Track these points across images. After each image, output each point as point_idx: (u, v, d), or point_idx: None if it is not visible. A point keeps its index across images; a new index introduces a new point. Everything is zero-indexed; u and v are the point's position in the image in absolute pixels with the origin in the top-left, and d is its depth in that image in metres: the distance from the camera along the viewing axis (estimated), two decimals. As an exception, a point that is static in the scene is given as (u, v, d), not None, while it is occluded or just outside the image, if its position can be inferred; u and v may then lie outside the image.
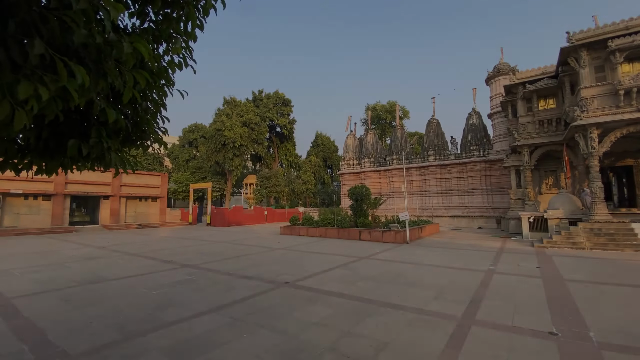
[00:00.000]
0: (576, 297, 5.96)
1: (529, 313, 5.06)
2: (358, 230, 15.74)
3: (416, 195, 28.09)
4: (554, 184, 19.38)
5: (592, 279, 7.36)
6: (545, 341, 4.00)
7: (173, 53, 2.45)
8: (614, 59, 13.36)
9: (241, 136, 36.16)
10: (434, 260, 10.10)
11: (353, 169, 31.99)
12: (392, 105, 45.28)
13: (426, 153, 27.97)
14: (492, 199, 24.45)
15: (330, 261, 9.89)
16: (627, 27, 13.38)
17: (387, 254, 11.39)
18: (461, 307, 5.34)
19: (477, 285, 6.79)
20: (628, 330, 4.36)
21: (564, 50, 14.73)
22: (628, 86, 12.94)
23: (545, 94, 18.11)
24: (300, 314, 5.11)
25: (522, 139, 18.25)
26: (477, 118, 26.69)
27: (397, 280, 7.38)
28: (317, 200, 31.67)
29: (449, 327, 4.47)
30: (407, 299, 5.85)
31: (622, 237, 12.11)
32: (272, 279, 7.57)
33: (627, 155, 16.99)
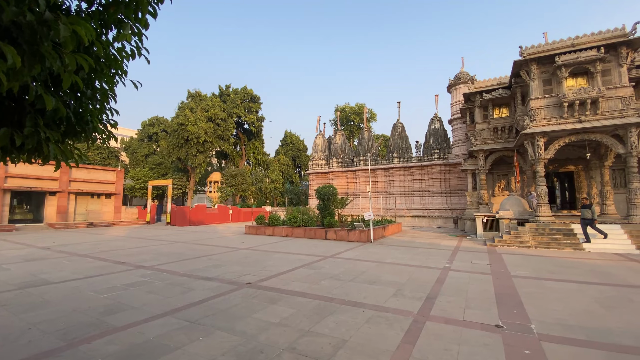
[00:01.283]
0: (521, 292, 6.46)
1: (479, 308, 5.40)
2: (324, 230, 15.85)
3: (381, 195, 28.91)
4: (505, 187, 20.89)
5: (535, 275, 8.02)
6: (492, 334, 4.29)
7: (121, 40, 2.29)
8: (560, 74, 14.67)
9: (206, 132, 34.84)
10: (395, 258, 10.44)
11: (321, 169, 32.19)
12: (360, 107, 46.19)
13: (391, 155, 28.87)
14: (451, 200, 25.82)
15: (294, 261, 9.85)
16: (573, 44, 14.74)
17: (351, 252, 11.59)
18: (418, 304, 5.57)
19: (434, 282, 7.12)
20: (565, 322, 4.80)
21: (516, 63, 15.91)
22: (571, 99, 14.27)
23: (500, 103, 19.46)
24: (261, 315, 5.03)
25: (478, 145, 19.45)
26: (438, 123, 28.03)
27: (359, 278, 7.53)
28: (285, 200, 31.40)
29: (406, 323, 4.64)
30: (367, 297, 5.99)
31: (563, 237, 13.33)
32: (233, 280, 7.39)
33: (569, 162, 18.76)
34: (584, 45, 14.41)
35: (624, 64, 13.96)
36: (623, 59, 13.95)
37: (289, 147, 50.07)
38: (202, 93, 40.79)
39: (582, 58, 14.06)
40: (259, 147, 46.77)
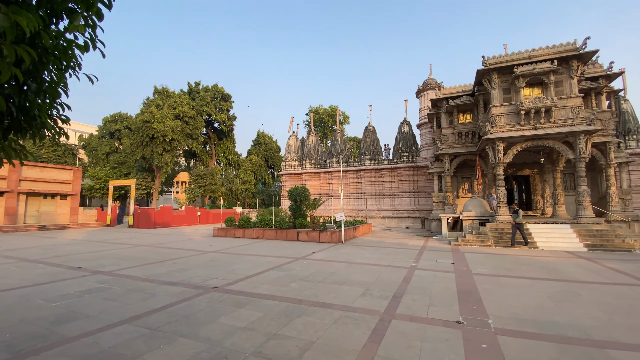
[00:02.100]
0: (480, 288, 6.82)
1: (441, 305, 5.62)
2: (296, 231, 15.79)
3: (353, 196, 29.33)
4: (468, 189, 22.00)
5: (494, 273, 8.50)
6: (453, 330, 4.49)
7: (72, 30, 2.13)
8: (518, 83, 15.69)
9: (173, 130, 33.45)
10: (364, 258, 10.62)
11: (294, 170, 32.07)
12: (333, 109, 46.56)
13: (363, 157, 29.39)
14: (419, 201, 26.75)
15: (264, 263, 9.72)
16: (530, 56, 15.83)
17: (323, 253, 11.63)
18: (385, 303, 5.71)
19: (400, 281, 7.33)
20: (519, 316, 5.12)
21: (479, 72, 16.83)
22: (527, 107, 15.31)
23: (464, 109, 20.47)
24: (227, 319, 4.91)
25: (444, 149, 20.32)
26: (407, 127, 28.95)
27: (329, 279, 7.58)
28: (257, 201, 30.92)
29: (372, 322, 4.73)
30: (336, 297, 6.04)
31: (519, 236, 14.23)
32: (199, 284, 7.14)
33: (526, 166, 20.11)
34: (539, 57, 15.54)
35: (575, 76, 15.21)
36: (574, 72, 15.20)
37: (262, 148, 49.41)
38: (169, 90, 39.17)
39: (538, 69, 15.15)
40: (230, 146, 45.69)
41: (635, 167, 20.77)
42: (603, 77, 17.41)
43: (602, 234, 13.22)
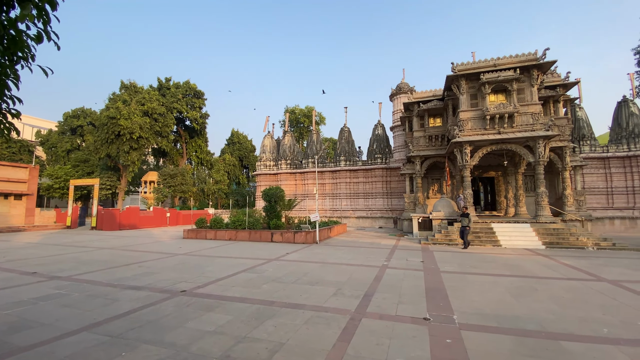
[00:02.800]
0: (447, 285, 7.10)
1: (410, 302, 5.79)
2: (270, 232, 15.63)
3: (328, 197, 29.50)
4: (438, 190, 22.82)
5: (460, 270, 8.88)
6: (420, 326, 4.64)
7: (21, 20, 1.98)
8: (484, 90, 16.49)
9: (141, 127, 31.97)
10: (338, 258, 10.72)
11: (269, 170, 31.73)
12: (310, 110, 46.60)
13: (338, 158, 29.65)
14: (391, 201, 27.39)
15: (236, 265, 9.54)
16: (495, 64, 16.69)
17: (297, 254, 11.60)
18: (356, 302, 5.79)
19: (372, 280, 7.47)
20: (482, 311, 5.38)
21: (448, 77, 17.51)
22: (492, 113, 16.12)
23: (435, 113, 21.21)
24: (195, 324, 4.76)
25: (415, 151, 20.95)
26: (381, 129, 29.57)
27: (302, 279, 7.57)
28: (230, 202, 30.23)
29: (343, 322, 4.78)
30: (309, 298, 6.04)
31: (484, 235, 14.97)
32: (166, 288, 6.88)
33: (491, 169, 21.17)
34: (503, 65, 16.43)
35: (535, 85, 16.23)
36: (534, 80, 16.21)
37: (236, 147, 48.41)
38: (137, 85, 37.41)
39: (502, 77, 16.01)
40: (202, 145, 44.38)
41: (588, 170, 22.52)
42: (560, 86, 18.70)
43: (559, 233, 14.20)
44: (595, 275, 8.18)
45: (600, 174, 22.63)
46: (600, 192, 22.49)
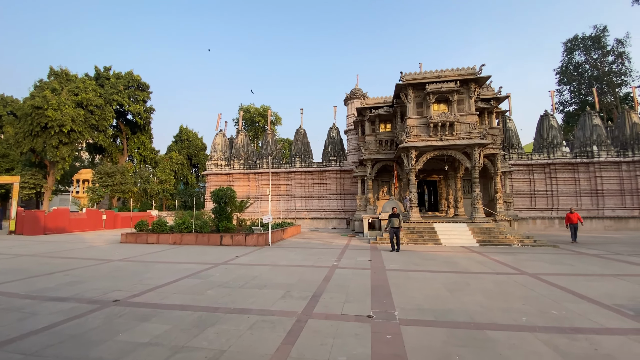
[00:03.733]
0: (391, 283, 7.42)
1: (356, 301, 5.94)
2: (219, 235, 14.99)
3: (283, 198, 29.24)
4: (387, 192, 23.90)
5: (404, 268, 9.35)
6: (363, 324, 4.76)
7: None
8: (429, 99, 17.66)
9: (73, 119, 28.61)
10: (289, 260, 10.64)
11: (221, 170, 30.50)
12: (265, 109, 45.85)
13: (294, 160, 29.57)
14: (345, 203, 28.04)
15: (180, 271, 8.96)
16: (439, 76, 17.96)
17: (247, 257, 11.27)
18: (303, 303, 5.77)
19: (321, 280, 7.53)
20: (421, 306, 5.69)
21: (397, 86, 18.46)
22: (436, 121, 17.34)
23: (385, 119, 22.22)
24: (127, 336, 4.36)
25: (366, 154, 21.72)
26: (336, 133, 30.17)
27: (250, 283, 7.36)
28: (176, 203, 28.41)
29: (289, 324, 4.73)
30: (255, 302, 5.88)
31: (427, 234, 15.99)
32: (96, 298, 6.22)
33: (434, 173, 22.72)
34: (446, 77, 17.77)
35: (472, 97, 17.80)
36: (472, 93, 17.78)
37: (185, 145, 45.71)
38: (70, 73, 33.52)
39: (444, 88, 17.30)
40: (145, 142, 41.14)
41: (516, 175, 25.30)
42: (494, 99, 20.78)
43: (490, 231, 15.70)
44: (518, 269, 9.16)
45: (525, 178, 25.56)
46: (525, 195, 25.40)
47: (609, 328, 4.65)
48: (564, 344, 4.11)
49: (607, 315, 5.18)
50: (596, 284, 7.38)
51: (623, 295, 6.38)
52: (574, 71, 38.89)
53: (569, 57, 39.09)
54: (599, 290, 6.77)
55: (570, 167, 25.13)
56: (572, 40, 38.32)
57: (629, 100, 33.80)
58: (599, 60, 36.72)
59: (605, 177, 24.54)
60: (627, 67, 35.52)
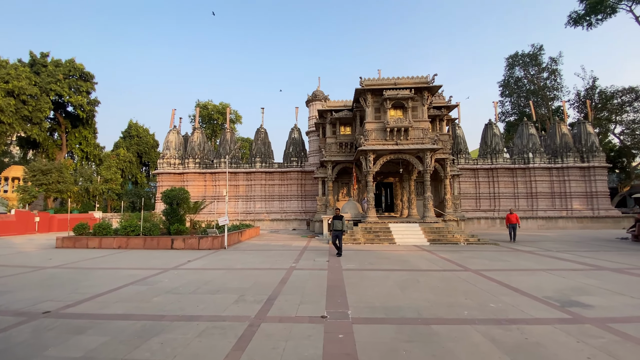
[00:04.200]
0: (347, 282, 7.56)
1: (311, 302, 5.96)
2: (170, 238, 14.16)
3: (241, 199, 28.49)
4: (347, 193, 24.39)
5: (360, 267, 9.59)
6: (317, 325, 4.79)
7: None
8: (386, 105, 18.34)
9: (2, 109, 25.36)
10: (246, 263, 10.38)
11: (174, 169, 28.89)
12: (224, 106, 44.31)
13: (254, 160, 28.97)
14: (305, 204, 28.09)
15: (124, 277, 8.31)
16: (395, 83, 18.72)
17: (200, 261, 10.79)
18: (257, 307, 5.66)
19: (278, 283, 7.45)
20: (373, 305, 5.87)
21: (357, 90, 18.94)
22: (392, 126, 18.06)
23: (345, 122, 22.67)
24: (58, 350, 3.93)
25: (327, 156, 21.99)
26: (297, 133, 30.14)
27: (202, 289, 7.05)
28: (122, 204, 26.32)
29: (240, 329, 4.60)
30: (206, 308, 5.64)
31: (383, 234, 16.58)
32: (24, 310, 5.54)
33: (390, 175, 23.64)
34: (402, 85, 18.60)
35: (425, 104, 18.82)
36: (425, 100, 18.79)
37: (134, 141, 42.59)
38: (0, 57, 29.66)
39: (400, 95, 18.10)
40: (88, 137, 37.64)
41: (463, 179, 27.21)
42: (445, 107, 22.18)
43: (440, 231, 16.71)
44: (463, 266, 9.85)
45: (471, 182, 27.62)
46: (472, 196, 27.45)
47: (538, 318, 5.16)
48: (499, 334, 4.48)
49: (537, 307, 5.75)
50: (529, 278, 8.18)
51: (551, 287, 7.13)
52: (514, 85, 42.91)
53: (510, 72, 43.06)
54: (531, 283, 7.51)
55: (510, 172, 27.66)
56: (513, 57, 42.26)
57: (560, 113, 38.03)
58: (536, 76, 40.90)
59: (539, 181, 27.40)
60: (558, 83, 39.99)
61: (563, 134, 28.73)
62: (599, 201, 26.89)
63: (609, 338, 4.30)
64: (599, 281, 7.67)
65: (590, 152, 27.64)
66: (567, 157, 27.54)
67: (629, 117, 35.94)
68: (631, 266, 9.61)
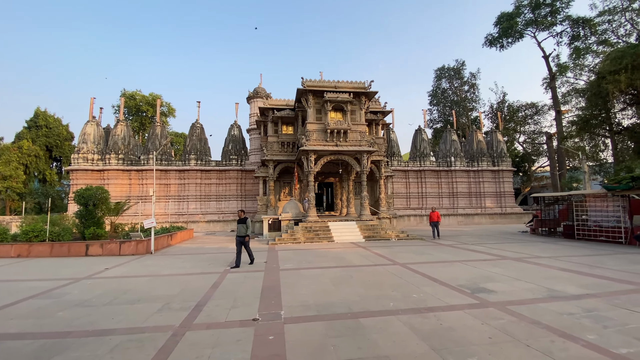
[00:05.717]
0: (283, 282, 7.53)
1: (244, 305, 5.79)
2: (85, 244, 12.49)
3: (173, 200, 26.46)
4: (289, 193, 24.33)
5: (297, 266, 9.64)
6: (247, 328, 4.67)
7: None
8: (327, 107, 18.75)
9: None
10: (175, 268, 9.68)
11: (93, 166, 25.57)
12: (155, 98, 40.60)
13: (188, 157, 27.13)
14: (246, 204, 27.26)
15: (22, 290, 7.09)
16: (336, 86, 19.23)
17: (120, 269, 9.74)
18: (184, 314, 5.30)
19: (209, 288, 7.08)
20: (307, 303, 5.93)
21: (299, 90, 19.03)
22: (332, 128, 18.52)
23: (287, 121, 22.60)
24: None
25: (269, 155, 21.67)
26: (238, 130, 29.11)
27: (121, 299, 6.36)
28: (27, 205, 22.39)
29: (162, 340, 4.25)
30: (123, 320, 5.09)
31: (322, 233, 16.93)
32: None
33: (331, 175, 24.22)
34: (342, 88, 19.21)
35: (363, 109, 19.72)
36: (363, 105, 19.68)
37: (42, 132, 36.53)
38: None
39: (340, 98, 18.67)
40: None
41: (396, 180, 29.17)
42: (380, 112, 23.53)
43: (374, 228, 17.67)
44: (393, 260, 10.56)
45: (403, 182, 29.79)
46: (403, 196, 29.61)
47: (452, 305, 5.76)
48: (418, 322, 4.89)
49: (452, 295, 6.42)
50: (447, 269, 9.10)
51: (464, 277, 8.02)
52: (441, 95, 47.50)
53: (438, 83, 47.60)
54: (448, 274, 8.37)
55: (435, 174, 30.52)
56: (441, 69, 46.78)
57: (477, 122, 43.15)
58: (458, 88, 45.84)
59: (459, 183, 30.75)
60: (477, 95, 45.46)
61: (479, 141, 32.68)
62: (506, 200, 31.24)
63: (507, 319, 4.98)
64: (503, 269, 8.88)
65: (499, 158, 31.94)
66: (481, 161, 31.41)
67: (530, 128, 42.65)
68: (528, 255, 11.33)
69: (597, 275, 7.91)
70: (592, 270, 8.60)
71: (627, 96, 25.95)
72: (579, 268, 8.88)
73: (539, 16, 34.13)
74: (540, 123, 41.94)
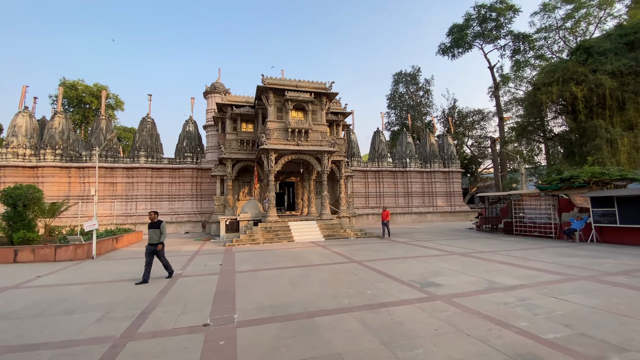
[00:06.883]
0: (238, 285, 7.32)
1: (194, 311, 5.52)
2: (13, 249, 11.09)
3: (120, 199, 24.52)
4: (248, 193, 23.75)
5: (255, 268, 9.43)
6: (196, 334, 4.45)
7: None
8: (288, 106, 18.61)
9: None
10: (119, 274, 8.97)
11: (25, 161, 22.80)
12: (100, 88, 37.32)
13: (137, 153, 25.30)
14: (201, 204, 26.12)
15: None
16: (297, 85, 19.14)
17: (55, 276, 8.80)
18: (126, 324, 4.92)
19: (157, 294, 6.66)
20: (262, 304, 5.82)
21: (259, 88, 18.67)
22: (293, 127, 18.43)
23: (247, 118, 22.06)
24: None
25: (227, 153, 20.98)
26: (193, 126, 27.78)
27: (54, 309, 5.73)
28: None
29: (99, 353, 3.90)
30: (55, 333, 4.59)
31: (282, 232, 16.77)
32: None
33: (292, 175, 24.08)
34: (303, 88, 19.19)
35: (324, 109, 19.88)
36: (324, 105, 19.84)
37: (-40, 123, 31.86)
38: None
39: (301, 98, 18.65)
40: None
41: (355, 179, 29.87)
42: (341, 113, 23.91)
43: (334, 227, 17.92)
44: (350, 258, 10.77)
45: (362, 182, 30.59)
46: (362, 195, 30.41)
47: (402, 300, 6.01)
48: (371, 318, 5.03)
49: (404, 290, 6.70)
50: (400, 265, 9.50)
51: (416, 272, 8.42)
52: (398, 99, 49.55)
53: (395, 88, 49.59)
54: (401, 270, 8.73)
55: (392, 174, 31.79)
56: (398, 74, 48.78)
57: (430, 126, 45.69)
58: (414, 93, 48.15)
59: (414, 183, 32.33)
60: (430, 101, 48.09)
61: (431, 144, 34.64)
62: (456, 199, 33.48)
63: (452, 311, 5.31)
64: (450, 264, 9.48)
65: (450, 160, 34.13)
66: (434, 163, 33.32)
67: (477, 132, 46.18)
68: (473, 250, 12.22)
69: (530, 267, 8.77)
70: (526, 262, 9.51)
71: (558, 106, 29.18)
72: (515, 261, 9.78)
73: (486, 29, 37.09)
74: (485, 128, 45.70)
